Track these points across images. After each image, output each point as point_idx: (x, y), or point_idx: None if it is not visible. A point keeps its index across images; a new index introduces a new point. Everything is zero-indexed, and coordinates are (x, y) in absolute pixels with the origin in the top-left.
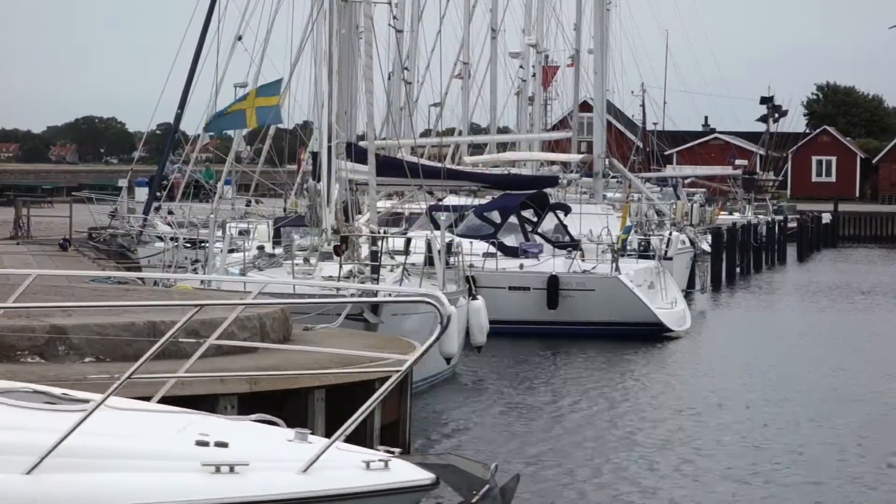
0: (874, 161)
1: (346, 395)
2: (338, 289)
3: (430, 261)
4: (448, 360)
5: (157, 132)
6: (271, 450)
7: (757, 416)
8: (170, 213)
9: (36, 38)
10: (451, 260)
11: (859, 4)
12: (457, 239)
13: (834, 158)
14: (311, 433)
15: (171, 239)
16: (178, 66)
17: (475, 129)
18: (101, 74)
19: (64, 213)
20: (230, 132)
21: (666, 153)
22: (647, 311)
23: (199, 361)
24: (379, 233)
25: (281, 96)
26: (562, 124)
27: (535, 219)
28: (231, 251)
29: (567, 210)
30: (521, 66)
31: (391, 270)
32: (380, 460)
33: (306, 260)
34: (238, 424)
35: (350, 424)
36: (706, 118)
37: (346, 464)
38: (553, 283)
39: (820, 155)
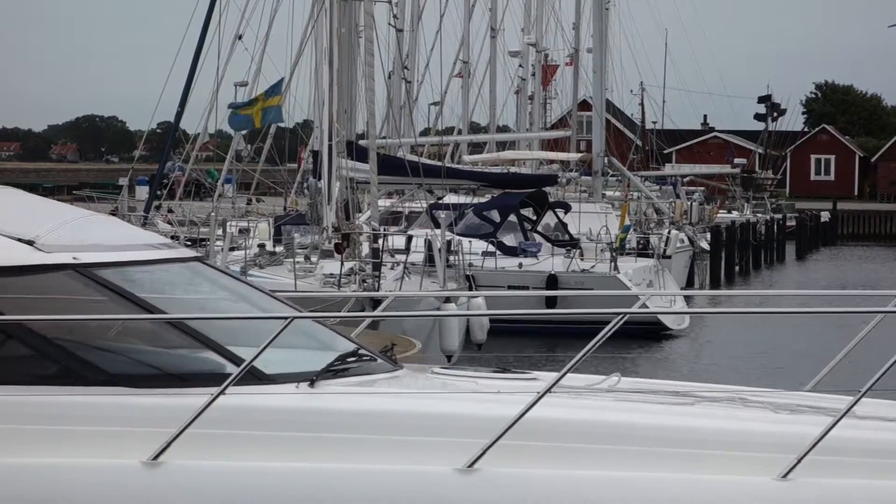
0: (873, 160)
1: None
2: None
3: (430, 259)
4: (449, 357)
5: (158, 131)
6: None
7: None
8: (170, 211)
9: (36, 36)
10: (451, 259)
11: (858, 3)
12: (456, 238)
13: (833, 157)
14: None
15: (172, 237)
16: (178, 64)
17: (475, 128)
18: (102, 73)
19: None
20: (230, 131)
21: (665, 152)
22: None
23: None
24: (379, 231)
25: (282, 96)
26: (561, 123)
27: (534, 217)
28: (232, 249)
29: (566, 209)
30: (520, 65)
31: (391, 268)
32: None
33: (307, 258)
34: None
35: None
36: (705, 117)
37: None
38: (552, 281)
39: (819, 153)
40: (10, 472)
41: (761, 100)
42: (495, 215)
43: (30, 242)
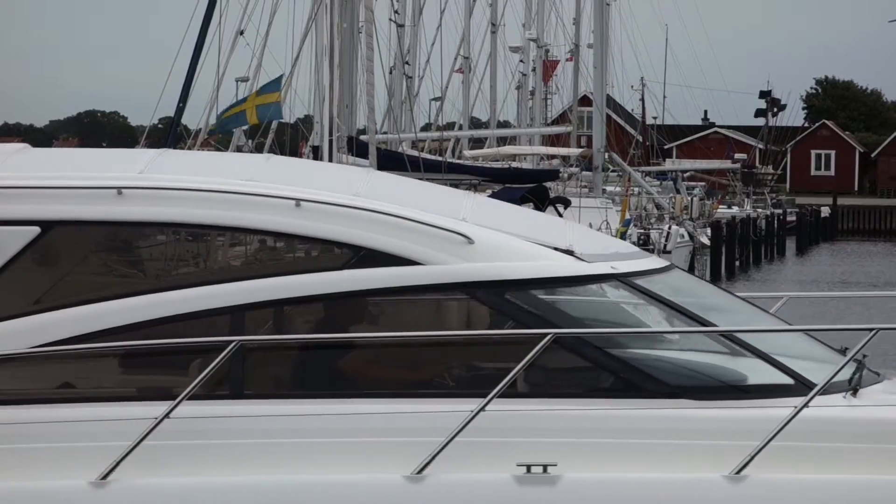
0: (873, 155)
1: None
2: None
3: None
4: None
5: (160, 126)
6: None
7: None
8: None
9: (38, 31)
10: None
11: None
12: None
13: (833, 152)
14: None
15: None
16: (179, 60)
17: (475, 124)
18: (103, 68)
19: None
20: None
21: (665, 147)
22: None
23: None
24: None
25: (282, 92)
26: (562, 118)
27: None
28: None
29: (567, 204)
30: (521, 61)
31: None
32: None
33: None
34: None
35: None
36: (705, 112)
37: None
38: None
39: (819, 149)
40: (586, 485)
41: (762, 95)
42: None
43: (569, 252)
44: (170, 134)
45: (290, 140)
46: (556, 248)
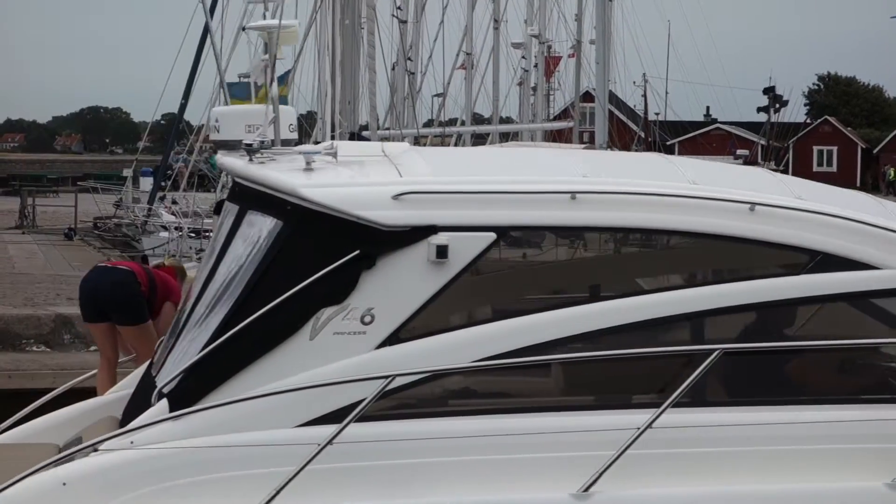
0: (875, 151)
1: None
2: None
3: None
4: None
5: (162, 122)
6: None
7: None
8: (174, 202)
9: (41, 28)
10: None
11: None
12: None
13: (835, 148)
14: None
15: (176, 228)
16: (182, 56)
17: (478, 119)
18: (106, 65)
19: (69, 203)
20: None
21: (668, 143)
22: None
23: None
24: None
25: (286, 87)
26: (564, 114)
27: None
28: None
29: None
30: (523, 57)
31: None
32: None
33: None
34: None
35: None
36: (708, 108)
37: None
38: None
39: (821, 145)
40: None
41: (766, 91)
42: None
43: None
44: (172, 130)
45: None
46: None
